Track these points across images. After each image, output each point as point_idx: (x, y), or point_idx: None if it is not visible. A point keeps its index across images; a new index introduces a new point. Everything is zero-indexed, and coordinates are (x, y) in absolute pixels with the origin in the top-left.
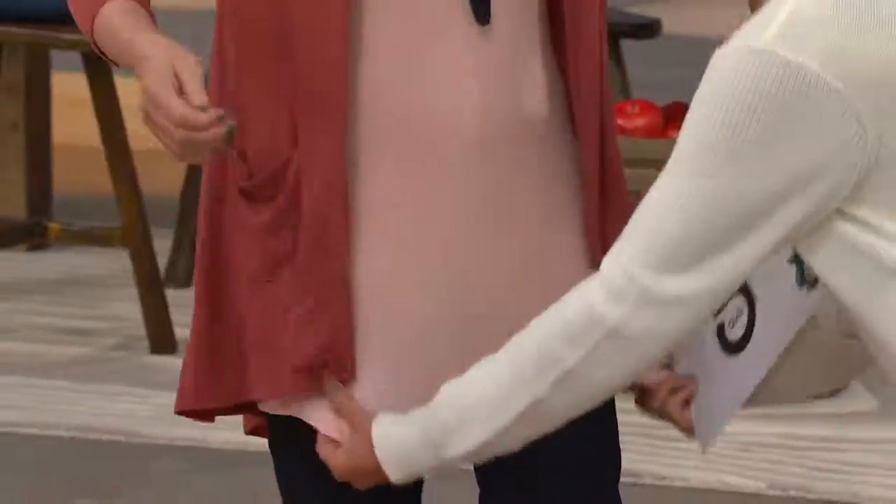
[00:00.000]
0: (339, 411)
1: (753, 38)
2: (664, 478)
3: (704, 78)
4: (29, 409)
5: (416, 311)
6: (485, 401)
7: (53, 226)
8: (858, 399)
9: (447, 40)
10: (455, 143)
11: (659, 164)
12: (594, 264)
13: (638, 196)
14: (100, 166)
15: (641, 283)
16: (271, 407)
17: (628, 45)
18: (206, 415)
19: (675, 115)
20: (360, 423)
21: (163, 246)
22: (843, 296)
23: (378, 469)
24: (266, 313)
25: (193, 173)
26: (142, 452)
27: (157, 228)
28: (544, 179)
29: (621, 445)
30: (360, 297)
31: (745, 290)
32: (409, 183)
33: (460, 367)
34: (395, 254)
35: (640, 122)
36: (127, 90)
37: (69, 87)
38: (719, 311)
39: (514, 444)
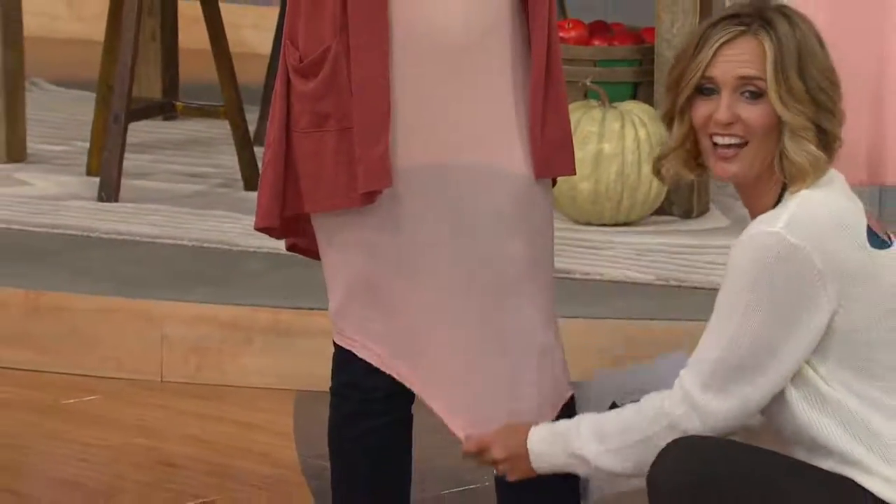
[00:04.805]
0: (488, 439)
1: (769, 225)
2: (587, 273)
3: (736, 251)
4: (164, 226)
5: (421, 153)
6: (601, 433)
7: (179, 104)
8: (716, 219)
9: None
10: (450, 45)
11: (584, 61)
12: (525, 125)
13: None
14: (209, 63)
15: (693, 397)
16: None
17: None
18: (275, 231)
19: (596, 29)
20: (515, 434)
21: (251, 117)
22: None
23: (528, 466)
24: (315, 153)
25: (272, 69)
26: (237, 256)
27: (248, 105)
28: (505, 66)
29: (559, 254)
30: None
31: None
32: (419, 71)
33: (449, 178)
34: (411, 114)
35: (573, 34)
36: (226, 12)
37: (190, 9)
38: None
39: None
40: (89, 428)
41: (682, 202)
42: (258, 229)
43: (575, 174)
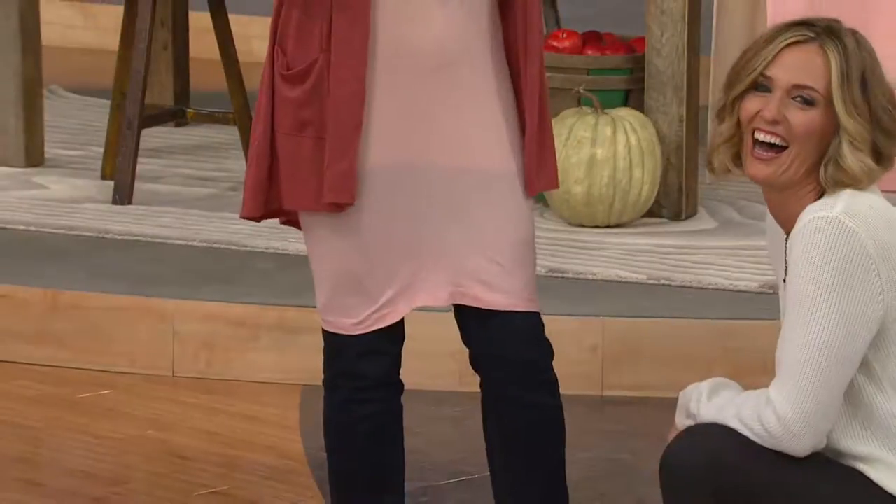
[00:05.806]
0: None
1: (825, 210)
2: (580, 273)
3: (796, 246)
4: (175, 228)
5: (396, 159)
6: (717, 411)
7: (190, 110)
8: (704, 221)
9: (426, 3)
10: (426, 62)
11: (577, 70)
12: (510, 132)
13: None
14: (219, 72)
15: (780, 412)
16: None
17: None
18: (257, 218)
19: (589, 39)
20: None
21: None
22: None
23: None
24: (293, 156)
25: None
26: (246, 256)
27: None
28: (484, 81)
29: (553, 254)
30: (361, 152)
31: None
32: (397, 81)
33: (420, 195)
34: (385, 127)
35: (567, 43)
36: (235, 22)
37: (200, 21)
38: None
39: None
40: (103, 421)
41: (671, 205)
42: (242, 217)
43: (558, 188)
